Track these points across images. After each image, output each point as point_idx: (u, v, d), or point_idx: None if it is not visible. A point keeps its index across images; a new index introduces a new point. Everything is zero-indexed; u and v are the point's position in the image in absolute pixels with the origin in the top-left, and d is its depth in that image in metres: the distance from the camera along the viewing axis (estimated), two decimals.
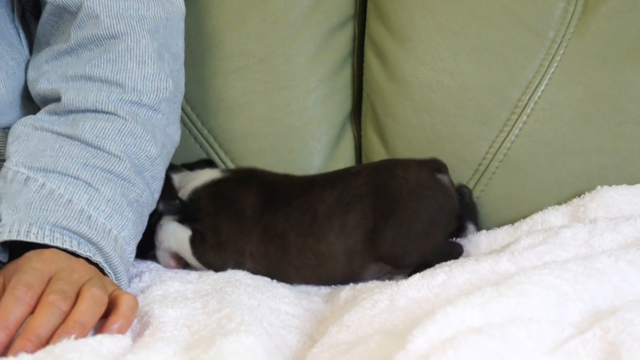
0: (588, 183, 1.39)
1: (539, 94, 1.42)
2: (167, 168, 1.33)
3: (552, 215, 1.36)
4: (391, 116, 1.48)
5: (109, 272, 1.16)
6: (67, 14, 1.30)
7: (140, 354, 0.96)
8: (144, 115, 1.27)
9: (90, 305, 1.05)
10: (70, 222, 1.15)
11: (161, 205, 1.32)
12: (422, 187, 1.28)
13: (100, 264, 1.16)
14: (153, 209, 1.30)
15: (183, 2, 1.35)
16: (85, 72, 1.27)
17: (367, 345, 0.96)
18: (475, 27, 1.44)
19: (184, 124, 1.54)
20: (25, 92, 1.35)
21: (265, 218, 1.32)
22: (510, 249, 1.20)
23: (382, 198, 1.28)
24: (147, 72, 1.28)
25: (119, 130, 1.24)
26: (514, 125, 1.42)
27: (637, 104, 1.39)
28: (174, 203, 1.34)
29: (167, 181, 1.34)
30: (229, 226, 1.33)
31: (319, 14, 1.55)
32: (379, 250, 1.27)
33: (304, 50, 1.55)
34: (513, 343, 0.87)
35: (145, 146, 1.25)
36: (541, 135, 1.42)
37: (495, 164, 1.42)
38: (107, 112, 1.25)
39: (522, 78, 1.43)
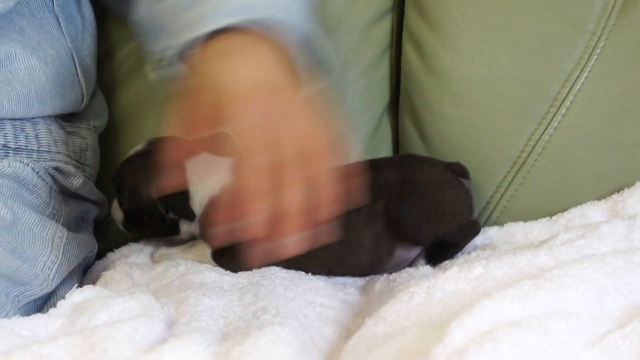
0: (627, 178, 1.38)
1: (578, 87, 1.40)
2: None
3: (591, 210, 1.35)
4: (429, 109, 1.47)
5: None
6: None
7: (176, 344, 0.97)
8: None
9: None
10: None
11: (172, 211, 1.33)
12: (446, 183, 1.31)
13: None
14: None
15: None
16: None
17: (404, 338, 0.96)
18: (514, 20, 1.43)
19: None
20: (65, 80, 1.36)
21: None
22: (548, 243, 1.19)
23: (408, 185, 1.29)
24: None
25: None
26: (552, 118, 1.41)
27: None
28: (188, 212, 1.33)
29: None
30: None
31: (357, 7, 1.55)
32: (404, 230, 1.28)
33: (342, 44, 1.55)
34: (552, 337, 0.87)
35: None
36: (580, 128, 1.40)
37: (533, 157, 1.41)
38: None
39: (561, 71, 1.41)
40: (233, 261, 1.34)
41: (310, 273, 1.32)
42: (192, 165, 1.33)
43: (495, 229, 1.38)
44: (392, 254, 1.30)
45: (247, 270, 1.31)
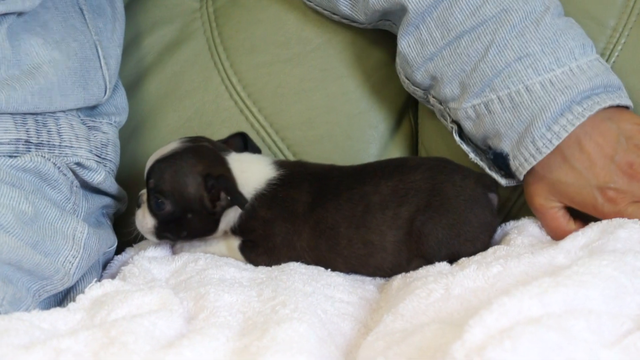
0: None
1: None
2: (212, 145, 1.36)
3: None
4: None
5: None
6: None
7: (195, 339, 0.97)
8: None
9: None
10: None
11: (226, 196, 1.32)
12: (475, 201, 1.30)
13: None
14: None
15: None
16: None
17: (422, 335, 0.96)
18: None
19: (239, 111, 1.54)
20: (88, 73, 1.37)
21: (316, 213, 1.33)
22: (566, 246, 1.19)
23: (437, 197, 1.28)
24: None
25: None
26: None
27: None
28: (239, 197, 1.32)
29: (229, 169, 1.34)
30: (284, 229, 1.34)
31: None
32: (423, 246, 1.28)
33: (361, 38, 1.54)
34: (572, 334, 0.86)
35: None
36: None
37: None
38: None
39: None
40: (263, 256, 1.34)
41: (335, 270, 1.32)
42: (232, 160, 1.35)
43: (512, 223, 1.37)
44: (411, 263, 1.30)
45: (275, 265, 1.32)
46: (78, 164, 1.35)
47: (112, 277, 1.34)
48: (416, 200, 1.29)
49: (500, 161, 1.31)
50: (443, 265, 1.24)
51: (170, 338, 0.99)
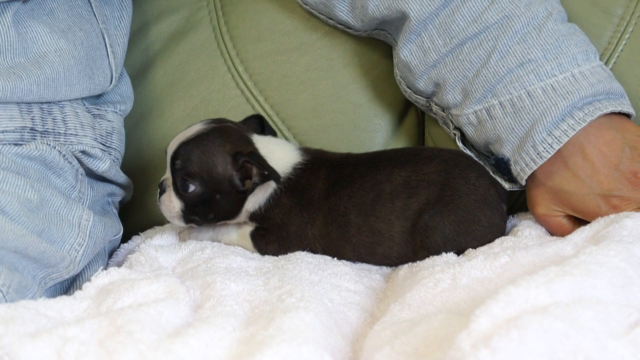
0: None
1: None
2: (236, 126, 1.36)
3: None
4: None
5: None
6: None
7: (201, 328, 0.97)
8: None
9: None
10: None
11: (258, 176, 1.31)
12: (486, 202, 1.29)
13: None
14: None
15: None
16: None
17: (429, 324, 0.95)
18: None
19: (246, 99, 1.54)
20: (94, 62, 1.36)
21: (330, 200, 1.33)
22: (574, 238, 1.18)
23: (448, 192, 1.28)
24: None
25: None
26: None
27: None
28: (273, 171, 1.31)
29: (256, 148, 1.34)
30: (299, 218, 1.34)
31: None
32: (428, 239, 1.27)
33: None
34: (579, 324, 0.86)
35: None
36: None
37: None
38: None
39: None
40: (274, 244, 1.34)
41: (343, 258, 1.32)
42: (259, 142, 1.35)
43: (520, 215, 1.37)
44: (417, 254, 1.29)
45: (284, 255, 1.32)
46: (83, 152, 1.35)
47: (119, 265, 1.34)
48: (427, 193, 1.28)
49: (501, 166, 1.31)
50: (450, 256, 1.24)
51: (177, 327, 0.99)
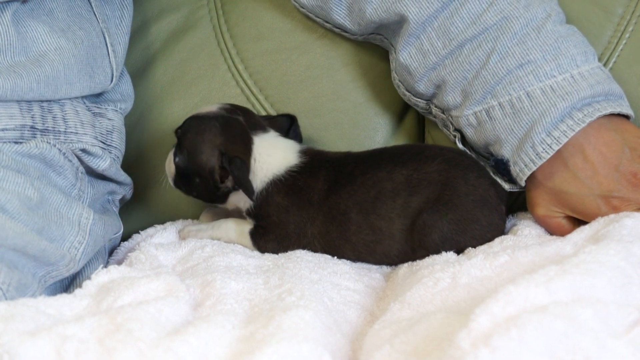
0: None
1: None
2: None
3: None
4: None
5: None
6: None
7: (201, 326, 0.97)
8: None
9: None
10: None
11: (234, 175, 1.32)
12: (485, 202, 1.29)
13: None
14: None
15: None
16: None
17: (429, 323, 0.96)
18: None
19: (246, 98, 1.54)
20: (95, 61, 1.36)
21: (331, 199, 1.33)
22: (574, 238, 1.18)
23: (448, 192, 1.28)
24: None
25: None
26: None
27: None
28: (249, 186, 1.32)
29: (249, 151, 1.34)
30: (297, 218, 1.34)
31: None
32: (426, 237, 1.27)
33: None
34: (579, 323, 0.86)
35: None
36: None
37: None
38: None
39: None
40: (273, 242, 1.34)
41: (342, 257, 1.32)
42: (260, 141, 1.36)
43: (519, 214, 1.37)
44: (416, 252, 1.29)
45: (283, 253, 1.32)
46: (83, 150, 1.35)
47: (119, 263, 1.34)
48: (427, 191, 1.28)
49: (501, 167, 1.31)
50: (450, 255, 1.24)
51: (176, 325, 0.99)
